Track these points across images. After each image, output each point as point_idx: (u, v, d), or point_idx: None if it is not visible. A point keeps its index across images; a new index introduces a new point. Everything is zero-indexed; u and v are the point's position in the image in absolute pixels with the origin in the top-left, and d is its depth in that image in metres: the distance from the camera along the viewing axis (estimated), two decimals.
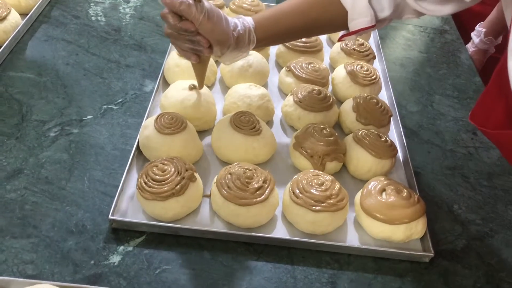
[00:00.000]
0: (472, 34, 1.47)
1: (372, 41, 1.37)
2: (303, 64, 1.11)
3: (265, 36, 0.84)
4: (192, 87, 0.98)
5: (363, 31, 0.87)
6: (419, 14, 0.85)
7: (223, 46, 0.79)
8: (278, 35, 0.87)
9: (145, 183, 0.80)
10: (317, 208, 0.81)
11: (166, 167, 0.81)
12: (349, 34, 0.88)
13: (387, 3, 0.84)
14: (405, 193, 0.85)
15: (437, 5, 0.82)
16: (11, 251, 0.75)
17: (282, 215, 0.86)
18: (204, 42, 0.77)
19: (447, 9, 0.81)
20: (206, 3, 0.75)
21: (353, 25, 0.86)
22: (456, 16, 1.58)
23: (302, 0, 0.86)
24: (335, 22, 0.87)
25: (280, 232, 0.84)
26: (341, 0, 0.84)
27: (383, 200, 0.84)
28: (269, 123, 1.05)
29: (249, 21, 0.83)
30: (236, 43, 0.80)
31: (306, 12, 0.85)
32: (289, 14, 0.85)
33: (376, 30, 1.38)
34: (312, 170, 0.88)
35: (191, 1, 0.73)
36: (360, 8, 0.84)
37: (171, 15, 0.75)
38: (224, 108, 1.03)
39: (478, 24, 1.45)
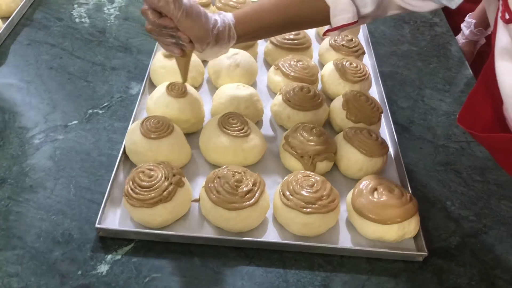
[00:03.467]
0: (462, 25, 1.46)
1: (362, 36, 1.35)
2: (292, 62, 1.09)
3: (246, 32, 0.83)
4: (174, 89, 0.95)
5: (346, 27, 0.85)
6: (404, 10, 0.84)
7: (202, 42, 0.79)
8: (259, 30, 0.86)
9: (131, 189, 0.78)
10: (308, 210, 0.79)
11: (153, 173, 0.80)
12: (332, 30, 0.87)
13: None
14: (397, 192, 0.84)
15: (419, 0, 0.81)
16: None
17: (273, 217, 0.85)
18: (184, 37, 0.77)
19: (430, 5, 0.80)
20: (185, 0, 0.74)
21: (336, 21, 0.85)
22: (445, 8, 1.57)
23: None
24: (317, 17, 0.86)
25: (271, 235, 0.83)
26: None
27: (375, 200, 0.82)
28: (259, 123, 1.04)
29: (229, 17, 0.82)
30: (215, 40, 0.80)
31: (287, 7, 0.84)
32: (270, 10, 0.84)
33: (365, 25, 1.37)
34: (303, 171, 0.87)
35: None
36: (342, 4, 0.83)
37: (150, 12, 0.75)
38: (212, 109, 1.01)
39: (468, 15, 1.44)
